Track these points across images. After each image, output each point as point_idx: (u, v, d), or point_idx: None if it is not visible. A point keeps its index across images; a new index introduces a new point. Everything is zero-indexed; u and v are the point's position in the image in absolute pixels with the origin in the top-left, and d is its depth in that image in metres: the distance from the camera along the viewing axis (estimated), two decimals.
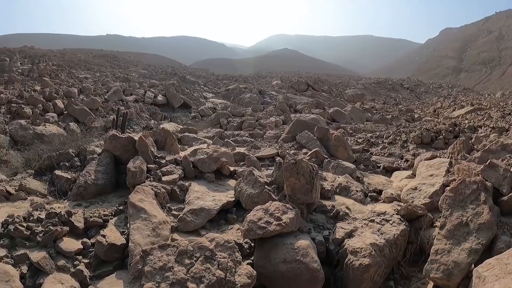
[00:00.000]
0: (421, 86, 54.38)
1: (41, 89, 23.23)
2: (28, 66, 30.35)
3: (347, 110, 18.26)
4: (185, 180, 7.00)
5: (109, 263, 5.10)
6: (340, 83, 44.48)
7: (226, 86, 35.15)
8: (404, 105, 28.95)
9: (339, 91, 35.30)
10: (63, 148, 9.04)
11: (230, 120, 16.58)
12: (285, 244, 4.95)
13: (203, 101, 29.01)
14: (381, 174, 8.47)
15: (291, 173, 5.77)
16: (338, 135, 9.41)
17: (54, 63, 35.09)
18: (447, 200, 5.30)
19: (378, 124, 15.67)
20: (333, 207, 6.08)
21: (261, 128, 14.23)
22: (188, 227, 5.72)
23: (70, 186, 7.05)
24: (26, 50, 44.00)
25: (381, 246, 5.11)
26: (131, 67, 44.32)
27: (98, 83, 28.73)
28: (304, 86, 32.03)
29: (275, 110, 18.90)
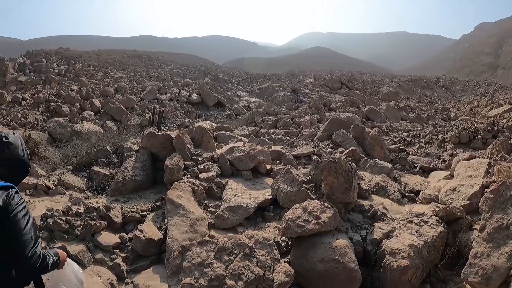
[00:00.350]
0: (457, 83, 52.95)
1: (78, 89, 23.92)
2: (65, 67, 31.29)
3: (382, 109, 17.96)
4: (222, 178, 7.02)
5: (146, 258, 5.15)
6: (373, 81, 43.83)
7: (259, 85, 35.19)
8: (439, 103, 28.31)
9: (373, 89, 34.79)
10: (100, 145, 9.21)
11: (265, 119, 16.58)
12: (323, 243, 4.88)
13: (236, 100, 29.13)
14: (418, 174, 8.27)
15: (330, 172, 5.69)
16: (375, 134, 9.27)
17: (90, 64, 36.04)
18: (487, 202, 5.12)
19: (413, 123, 15.35)
20: (370, 207, 5.98)
21: (296, 127, 14.17)
22: (225, 224, 5.73)
23: (108, 181, 7.19)
24: (62, 52, 45.34)
25: (420, 248, 4.97)
26: (165, 67, 44.94)
27: (133, 83, 29.30)
28: (338, 85, 31.73)
29: (309, 109, 18.79)
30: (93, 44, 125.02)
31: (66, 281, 3.00)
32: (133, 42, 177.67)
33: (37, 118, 18.40)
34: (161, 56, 65.10)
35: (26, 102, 20.33)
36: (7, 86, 24.18)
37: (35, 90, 22.30)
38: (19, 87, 23.69)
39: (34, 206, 6.05)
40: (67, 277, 3.03)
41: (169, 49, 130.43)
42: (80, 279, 3.15)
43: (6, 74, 27.43)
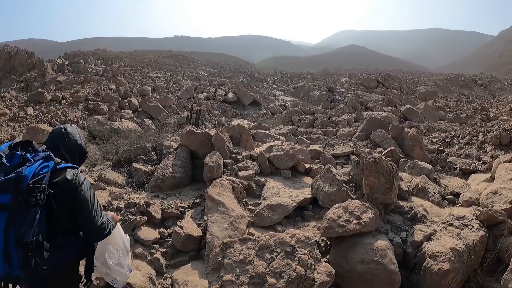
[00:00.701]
0: (496, 82, 51.13)
1: (116, 88, 24.56)
2: (102, 67, 32.14)
3: (420, 108, 17.59)
4: (261, 176, 7.02)
5: (184, 253, 5.20)
6: (410, 80, 42.93)
7: (294, 84, 35.10)
8: (478, 103, 27.45)
9: (409, 88, 34.07)
10: (139, 142, 9.38)
11: (302, 118, 16.52)
12: (363, 244, 4.84)
13: (272, 99, 29.16)
14: (458, 176, 8.06)
15: (371, 172, 5.61)
16: (414, 134, 9.09)
17: (127, 64, 36.85)
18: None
19: (452, 123, 14.96)
20: (411, 209, 5.87)
21: (334, 126, 14.06)
22: (264, 222, 5.72)
23: (148, 178, 7.32)
24: (99, 53, 46.55)
25: (461, 251, 4.84)
26: (200, 66, 45.44)
27: (169, 82, 29.79)
28: (374, 83, 31.25)
29: (346, 108, 18.60)
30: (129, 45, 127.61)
31: (114, 243, 3.33)
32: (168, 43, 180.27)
33: (77, 116, 19.01)
34: (196, 56, 65.81)
35: (66, 101, 21.03)
36: (46, 85, 25.09)
37: (75, 89, 23.04)
38: (58, 86, 24.53)
39: None
40: (115, 241, 3.37)
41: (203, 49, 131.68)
42: (126, 246, 3.54)
43: (45, 74, 28.50)
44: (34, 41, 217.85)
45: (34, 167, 2.52)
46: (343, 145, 9.77)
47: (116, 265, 3.38)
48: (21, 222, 2.41)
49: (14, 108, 21.01)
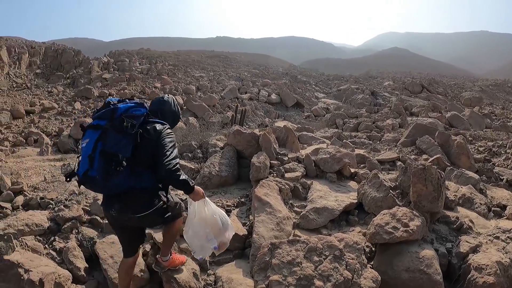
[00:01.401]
0: None
1: (161, 86, 25.09)
2: (147, 66, 32.82)
3: (466, 115, 17.03)
4: (306, 178, 6.99)
5: (229, 252, 5.19)
6: (455, 85, 41.56)
7: (337, 86, 34.75)
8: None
9: (454, 94, 33.01)
10: (185, 140, 9.48)
11: (346, 121, 16.38)
12: (409, 252, 4.77)
13: (315, 101, 28.98)
14: (504, 187, 7.80)
15: (419, 179, 5.50)
16: (462, 142, 8.85)
17: (170, 63, 37.48)
18: None
19: (499, 131, 14.41)
20: (457, 219, 5.72)
21: (378, 131, 13.86)
22: (310, 225, 5.70)
23: (193, 175, 7.39)
24: (143, 52, 47.57)
25: (506, 265, 4.70)
26: (242, 67, 45.61)
27: (213, 82, 30.11)
28: (419, 88, 30.43)
29: (390, 113, 18.25)
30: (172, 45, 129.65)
31: (198, 219, 3.90)
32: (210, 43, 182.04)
33: None
34: (238, 57, 66.05)
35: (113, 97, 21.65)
36: (92, 82, 25.93)
37: (121, 87, 23.69)
38: (104, 83, 25.31)
39: None
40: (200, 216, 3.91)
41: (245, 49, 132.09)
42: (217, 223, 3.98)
43: (91, 71, 29.45)
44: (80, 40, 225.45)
45: (127, 105, 3.39)
46: (388, 150, 9.63)
47: (193, 239, 3.98)
48: (109, 140, 3.19)
49: (62, 103, 21.86)
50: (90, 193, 6.05)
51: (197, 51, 70.18)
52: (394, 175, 6.67)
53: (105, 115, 3.33)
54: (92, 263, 4.81)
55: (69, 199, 5.82)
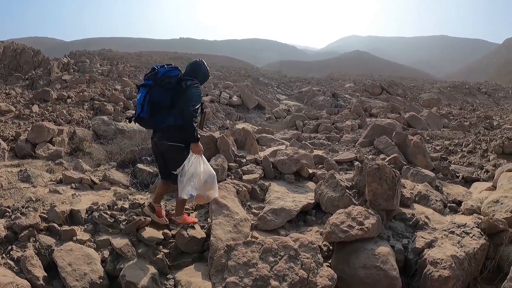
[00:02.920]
0: (500, 90, 51.02)
1: (121, 88, 24.65)
2: (108, 67, 32.23)
3: (424, 116, 17.58)
4: (265, 180, 7.06)
5: (188, 255, 5.25)
6: (414, 87, 42.90)
7: (299, 89, 35.09)
8: (481, 111, 27.39)
9: (413, 95, 34.06)
10: (144, 144, 9.40)
11: (306, 123, 16.55)
12: (365, 250, 4.89)
13: (276, 103, 29.16)
14: (460, 184, 8.11)
15: (374, 178, 5.67)
16: (418, 142, 9.13)
17: (132, 65, 37.00)
18: None
19: (455, 131, 14.95)
20: (412, 216, 5.91)
21: (337, 132, 14.08)
22: (267, 226, 5.77)
23: (152, 179, 7.32)
24: (105, 53, 46.71)
25: (461, 259, 4.89)
26: None
27: None
28: (379, 90, 31.23)
29: (350, 114, 18.61)
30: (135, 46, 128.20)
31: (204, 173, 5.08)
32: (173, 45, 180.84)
33: (82, 115, 19.08)
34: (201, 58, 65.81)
35: (71, 100, 21.11)
36: (52, 84, 25.22)
37: (80, 89, 23.12)
38: (63, 85, 24.64)
39: (79, 199, 6.26)
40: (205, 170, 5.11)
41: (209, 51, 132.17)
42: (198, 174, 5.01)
43: (51, 73, 28.58)
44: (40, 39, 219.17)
45: (165, 69, 4.91)
46: (346, 151, 9.81)
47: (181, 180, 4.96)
48: (154, 93, 4.80)
49: (19, 106, 21.09)
50: (47, 200, 5.97)
51: (160, 53, 69.60)
52: (351, 175, 6.82)
53: (150, 77, 4.89)
54: (51, 272, 4.70)
55: (26, 206, 5.67)
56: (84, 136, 15.84)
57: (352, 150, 9.88)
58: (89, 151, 12.48)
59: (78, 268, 4.48)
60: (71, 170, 7.93)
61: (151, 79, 4.87)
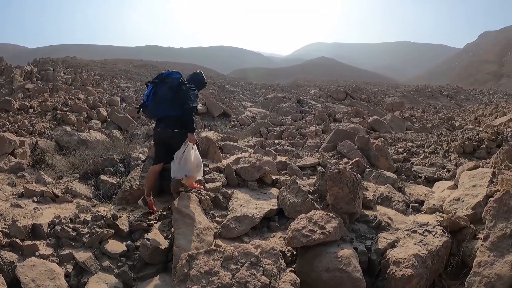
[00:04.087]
0: (461, 93, 52.83)
1: (85, 97, 24.12)
2: (71, 76, 31.47)
3: (387, 119, 17.96)
4: (228, 188, 7.11)
5: (152, 266, 5.24)
6: (378, 91, 43.84)
7: (264, 95, 35.23)
8: (444, 113, 28.22)
9: (377, 100, 34.76)
10: (107, 154, 9.30)
11: (270, 129, 16.61)
12: (328, 253, 4.97)
13: (242, 110, 29.19)
14: (423, 184, 8.31)
15: (335, 182, 5.79)
16: (380, 145, 9.32)
17: (96, 73, 36.34)
18: (490, 211, 5.17)
19: (418, 133, 15.33)
20: (375, 217, 6.05)
21: (301, 137, 14.18)
22: (231, 234, 5.82)
23: (115, 190, 7.27)
24: (69, 60, 45.69)
25: (424, 257, 5.04)
26: None
27: (139, 92, 29.52)
28: (343, 95, 31.73)
29: (314, 119, 18.80)
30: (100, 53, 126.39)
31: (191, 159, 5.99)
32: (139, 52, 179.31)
33: (44, 126, 18.53)
34: (167, 66, 65.74)
35: (34, 110, 20.48)
36: (14, 93, 24.37)
37: (43, 98, 22.44)
38: (26, 94, 23.85)
39: (41, 213, 6.14)
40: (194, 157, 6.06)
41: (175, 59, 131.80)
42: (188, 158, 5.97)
43: (13, 81, 27.66)
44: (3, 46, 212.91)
45: (170, 72, 6.21)
46: (309, 156, 9.89)
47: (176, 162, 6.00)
48: (159, 89, 6.02)
49: None
50: (9, 214, 5.83)
51: (125, 60, 68.79)
52: (314, 180, 6.90)
53: (158, 77, 6.18)
54: None
55: None
56: (47, 147, 15.45)
57: (315, 155, 9.97)
58: (51, 162, 12.23)
59: (41, 284, 4.45)
60: (33, 183, 7.78)
61: (158, 78, 6.17)
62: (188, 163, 5.97)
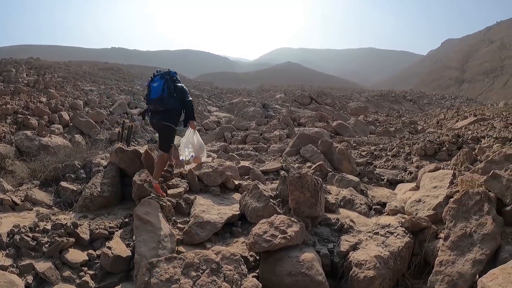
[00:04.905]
0: (424, 97, 54.43)
1: (47, 101, 23.39)
2: (34, 78, 30.47)
3: (351, 123, 18.24)
4: (190, 194, 7.08)
5: (114, 275, 5.16)
6: (343, 96, 44.58)
7: (230, 100, 35.25)
8: (407, 117, 28.93)
9: (342, 104, 35.32)
10: (68, 160, 9.13)
11: (234, 134, 16.59)
12: (290, 257, 4.99)
13: (207, 115, 29.09)
14: (385, 186, 8.47)
15: (296, 187, 5.83)
16: (342, 149, 9.45)
17: (60, 75, 35.36)
18: (450, 211, 5.32)
19: (381, 136, 15.61)
20: (337, 220, 6.11)
21: (265, 142, 14.21)
22: (193, 240, 5.79)
23: (76, 197, 7.15)
24: (32, 62, 44.27)
25: (386, 258, 5.13)
26: (136, 80, 44.66)
27: (103, 96, 28.97)
28: (308, 100, 32.07)
29: (279, 124, 18.89)
30: (65, 55, 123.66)
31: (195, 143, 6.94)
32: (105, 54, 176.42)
33: (4, 130, 17.84)
34: (132, 69, 64.90)
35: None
36: None
37: (3, 101, 21.60)
38: None
39: (0, 222, 5.99)
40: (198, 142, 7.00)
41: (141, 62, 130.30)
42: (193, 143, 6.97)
43: None
44: None
45: (173, 72, 7.06)
46: (273, 161, 9.93)
47: (183, 147, 6.97)
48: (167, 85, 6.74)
49: None
50: None
51: (90, 62, 67.36)
52: (276, 185, 6.92)
53: (165, 74, 6.95)
54: None
55: None
56: (6, 153, 14.82)
57: (278, 160, 10.02)
58: (11, 169, 11.81)
59: None
60: None
61: (166, 75, 6.92)
62: (192, 146, 6.93)
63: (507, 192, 5.26)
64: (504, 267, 4.12)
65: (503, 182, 5.35)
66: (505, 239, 4.91)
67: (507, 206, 5.21)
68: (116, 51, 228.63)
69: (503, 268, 4.10)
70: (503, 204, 5.27)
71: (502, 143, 10.01)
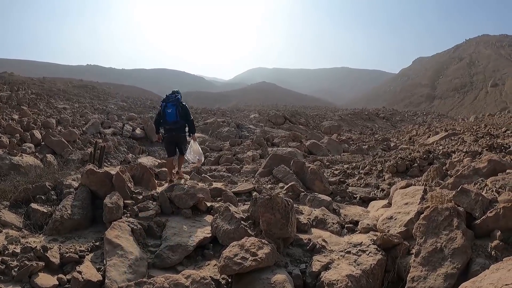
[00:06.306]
0: (397, 114, 55.56)
1: (19, 118, 22.85)
2: (7, 93, 29.79)
3: (324, 142, 18.45)
4: (162, 216, 7.03)
5: None
6: (317, 115, 45.05)
7: (204, 120, 35.13)
8: (380, 134, 29.41)
9: (316, 123, 35.71)
10: (39, 181, 8.94)
11: (207, 155, 16.59)
12: (261, 279, 4.98)
13: None
14: (358, 204, 8.58)
15: (266, 209, 5.87)
16: (314, 168, 9.55)
17: (33, 92, 34.76)
18: (420, 228, 5.43)
19: (354, 154, 15.85)
20: (309, 241, 6.14)
21: (238, 163, 14.24)
22: (165, 264, 5.74)
23: (46, 220, 6.97)
24: (6, 77, 43.44)
25: (358, 277, 5.20)
26: (110, 99, 44.30)
27: (76, 115, 28.53)
28: (281, 119, 32.33)
29: (252, 144, 18.96)
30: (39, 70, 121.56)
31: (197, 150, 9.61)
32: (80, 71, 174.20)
33: None
34: (107, 88, 64.45)
35: None
36: None
37: None
38: None
39: None
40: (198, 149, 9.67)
41: (116, 80, 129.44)
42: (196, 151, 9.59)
43: None
44: None
45: (179, 96, 9.32)
46: (245, 182, 9.95)
47: (188, 154, 9.47)
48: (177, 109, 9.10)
49: None
50: None
51: (65, 79, 66.28)
52: (248, 206, 6.92)
53: (174, 99, 9.06)
54: None
55: None
56: None
57: (251, 181, 10.04)
58: None
59: None
60: None
61: (175, 100, 9.07)
62: (195, 153, 9.50)
63: (476, 206, 5.40)
64: (475, 280, 4.18)
65: (471, 196, 5.49)
66: (476, 252, 5.03)
67: (477, 219, 5.34)
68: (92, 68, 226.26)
69: (474, 281, 4.16)
70: (473, 218, 5.42)
71: (472, 156, 10.26)
